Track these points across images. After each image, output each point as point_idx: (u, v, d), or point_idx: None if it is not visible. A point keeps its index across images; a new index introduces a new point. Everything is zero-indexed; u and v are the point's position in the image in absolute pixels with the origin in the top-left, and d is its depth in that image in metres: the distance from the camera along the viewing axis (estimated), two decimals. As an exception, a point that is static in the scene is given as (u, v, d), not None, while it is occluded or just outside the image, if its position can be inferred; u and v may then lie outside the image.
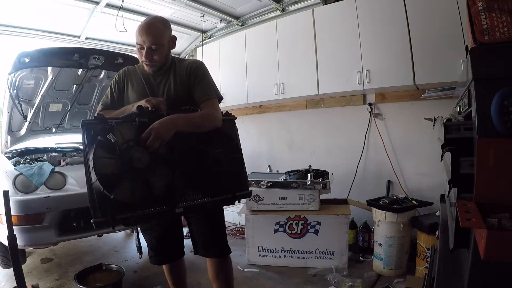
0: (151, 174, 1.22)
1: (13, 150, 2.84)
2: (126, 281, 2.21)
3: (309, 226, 2.51)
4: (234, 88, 3.61)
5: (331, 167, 2.82)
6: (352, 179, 3.03)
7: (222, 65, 3.79)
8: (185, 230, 1.65)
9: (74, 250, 2.96)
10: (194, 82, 1.48)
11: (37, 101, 2.88)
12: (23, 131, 2.95)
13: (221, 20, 3.99)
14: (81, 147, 3.30)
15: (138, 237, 1.58)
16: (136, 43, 1.42)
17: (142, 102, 1.34)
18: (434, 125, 1.63)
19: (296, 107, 3.46)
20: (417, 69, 2.39)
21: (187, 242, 1.68)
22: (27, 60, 2.41)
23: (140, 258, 1.45)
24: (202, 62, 1.60)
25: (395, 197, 2.43)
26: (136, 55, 1.52)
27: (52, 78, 2.79)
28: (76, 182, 2.25)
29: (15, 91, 2.63)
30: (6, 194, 1.76)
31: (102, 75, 3.08)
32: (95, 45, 3.64)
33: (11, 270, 1.97)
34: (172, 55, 1.55)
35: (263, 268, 2.53)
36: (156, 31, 1.41)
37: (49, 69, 2.73)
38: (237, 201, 1.47)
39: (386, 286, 2.15)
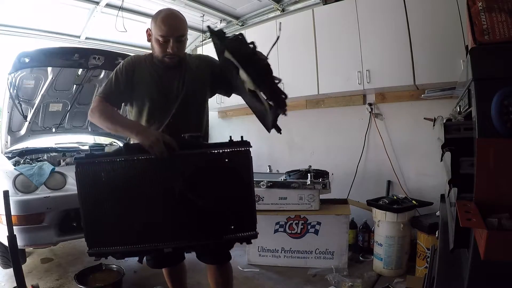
0: (137, 213, 1.22)
1: (13, 150, 2.84)
2: (126, 281, 2.21)
3: (309, 226, 2.51)
4: (234, 88, 3.60)
5: (331, 167, 2.82)
6: (352, 179, 3.03)
7: (222, 65, 3.78)
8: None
9: (74, 250, 2.96)
10: (221, 73, 1.45)
11: (37, 101, 2.87)
12: (23, 131, 2.95)
13: (221, 20, 3.99)
14: (81, 147, 3.33)
15: None
16: (160, 35, 1.31)
17: (148, 140, 1.19)
18: (434, 125, 1.63)
19: (296, 107, 3.45)
20: (417, 69, 2.39)
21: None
22: (27, 60, 2.40)
23: (141, 263, 1.42)
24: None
25: (395, 197, 2.43)
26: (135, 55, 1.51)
27: (52, 78, 2.79)
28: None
29: (15, 91, 2.63)
30: (6, 194, 1.76)
31: (102, 75, 3.07)
32: (95, 45, 3.64)
33: (11, 270, 1.96)
34: None
35: (263, 268, 2.53)
36: (182, 22, 1.35)
37: (49, 69, 2.73)
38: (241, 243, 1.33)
39: (386, 286, 2.15)
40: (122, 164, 1.21)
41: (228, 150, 1.25)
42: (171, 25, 1.30)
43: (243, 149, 1.26)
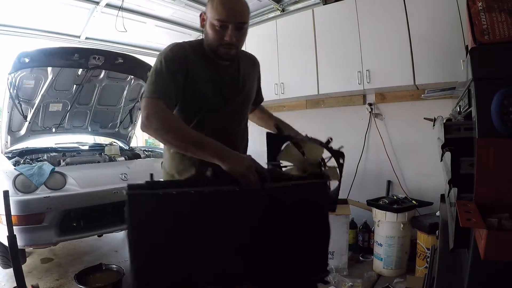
0: (211, 263, 0.90)
1: (13, 150, 2.84)
2: (126, 281, 2.21)
3: (309, 226, 2.50)
4: (234, 88, 3.60)
5: (331, 167, 2.81)
6: (352, 179, 3.03)
7: (222, 65, 3.78)
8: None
9: (74, 250, 2.95)
10: (259, 81, 1.37)
11: (37, 101, 2.88)
12: (23, 131, 2.95)
13: (221, 20, 3.99)
14: (81, 147, 3.33)
15: None
16: (217, 19, 1.06)
17: (241, 167, 0.91)
18: (434, 125, 1.63)
19: (296, 107, 3.45)
20: (417, 69, 2.39)
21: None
22: (27, 60, 2.41)
23: None
24: None
25: (395, 197, 2.43)
26: (135, 55, 1.46)
27: (52, 78, 2.79)
28: (76, 182, 2.25)
29: (15, 91, 2.64)
30: (6, 194, 1.77)
31: (102, 75, 3.07)
32: (95, 45, 3.64)
33: (11, 270, 1.97)
34: None
35: (263, 268, 2.53)
36: (245, 6, 1.12)
37: (49, 69, 2.73)
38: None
39: (386, 286, 2.15)
40: (202, 197, 0.86)
41: (313, 182, 1.12)
42: (231, 8, 1.07)
43: (323, 182, 1.14)
